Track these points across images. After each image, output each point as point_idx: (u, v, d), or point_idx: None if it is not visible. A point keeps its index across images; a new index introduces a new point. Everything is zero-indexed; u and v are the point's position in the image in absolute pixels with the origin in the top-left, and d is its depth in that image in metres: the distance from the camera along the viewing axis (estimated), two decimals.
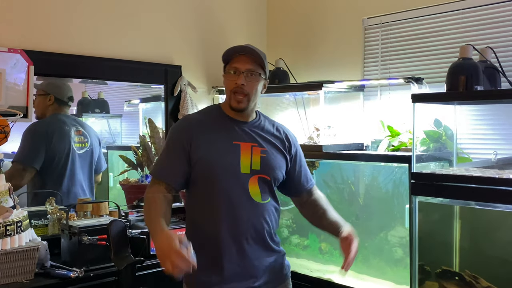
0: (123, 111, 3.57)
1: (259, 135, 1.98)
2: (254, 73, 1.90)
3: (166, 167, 1.93)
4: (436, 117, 2.62)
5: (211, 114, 2.01)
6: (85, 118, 3.40)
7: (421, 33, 2.84)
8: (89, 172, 3.06)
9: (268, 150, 1.96)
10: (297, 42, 3.46)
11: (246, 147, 1.92)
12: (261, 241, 1.93)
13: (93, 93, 3.39)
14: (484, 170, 2.17)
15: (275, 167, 1.97)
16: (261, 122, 2.03)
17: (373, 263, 2.79)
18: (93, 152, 3.07)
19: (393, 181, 2.73)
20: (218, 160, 1.89)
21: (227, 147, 1.91)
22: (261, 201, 1.92)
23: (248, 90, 1.90)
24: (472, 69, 2.11)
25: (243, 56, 1.90)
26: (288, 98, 3.41)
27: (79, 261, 2.34)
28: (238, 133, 1.95)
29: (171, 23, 3.24)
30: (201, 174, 1.90)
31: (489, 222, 2.29)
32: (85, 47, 2.87)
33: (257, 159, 1.92)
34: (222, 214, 1.88)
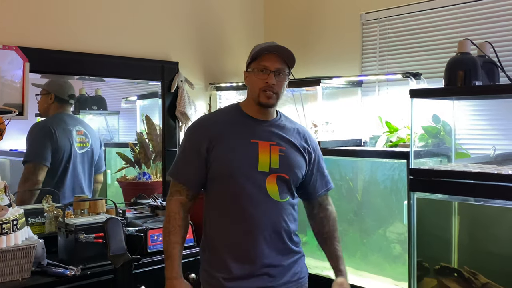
0: (120, 108, 3.55)
1: (279, 134, 1.96)
2: (282, 73, 1.91)
3: (186, 169, 1.94)
4: (435, 112, 2.61)
5: (230, 114, 2.00)
6: (82, 115, 3.39)
7: (420, 28, 2.82)
8: (89, 171, 3.06)
9: (287, 150, 1.95)
10: (295, 37, 3.44)
11: (264, 145, 1.91)
12: (279, 240, 1.92)
13: (91, 90, 3.38)
14: (482, 166, 2.16)
15: (295, 167, 1.95)
16: (282, 121, 2.02)
17: (371, 259, 2.78)
18: (93, 152, 3.06)
19: (392, 177, 2.72)
20: (234, 158, 1.88)
21: (244, 146, 1.90)
22: (279, 199, 1.91)
23: (278, 89, 1.90)
24: (470, 64, 2.10)
25: (273, 55, 1.89)
26: (286, 94, 3.39)
27: (76, 259, 2.34)
28: (256, 132, 1.94)
29: (168, 19, 3.22)
30: (218, 173, 1.90)
31: (488, 218, 2.27)
32: (82, 43, 2.85)
33: (276, 158, 1.91)
34: (239, 212, 1.87)
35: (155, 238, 2.61)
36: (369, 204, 2.84)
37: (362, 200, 2.87)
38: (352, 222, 2.87)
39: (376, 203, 2.80)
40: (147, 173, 3.29)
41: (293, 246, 1.97)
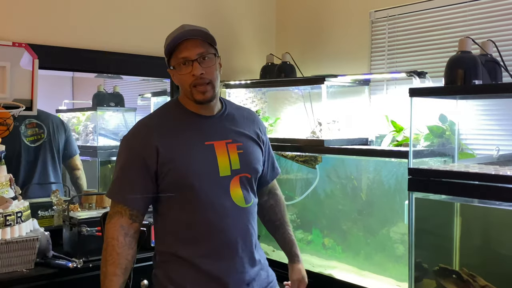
0: (137, 105, 3.62)
1: (231, 128, 1.77)
2: (207, 56, 1.67)
3: (128, 186, 1.68)
4: (440, 112, 2.57)
5: (172, 114, 1.75)
6: (101, 112, 3.47)
7: (429, 26, 2.78)
8: (51, 162, 2.98)
9: (244, 145, 1.76)
10: (305, 36, 3.43)
11: (221, 146, 1.71)
12: (250, 250, 1.75)
13: (109, 88, 3.45)
14: (482, 166, 2.12)
15: (255, 162, 1.79)
16: (229, 111, 1.81)
17: (375, 259, 2.76)
18: (52, 141, 2.97)
19: (396, 177, 2.69)
20: (192, 167, 1.66)
21: (199, 150, 1.68)
22: (245, 205, 1.73)
23: (209, 76, 1.66)
24: (470, 63, 2.06)
25: (188, 41, 1.65)
26: (297, 92, 3.40)
27: (80, 252, 2.38)
28: (208, 131, 1.72)
29: (178, 16, 3.25)
30: (173, 185, 1.67)
31: (490, 220, 2.24)
32: (93, 41, 2.91)
33: (236, 157, 1.72)
34: (205, 228, 1.67)
35: None
36: (373, 204, 2.82)
37: (366, 199, 2.85)
38: (356, 221, 2.85)
39: (380, 203, 2.78)
40: None
41: (257, 253, 1.79)
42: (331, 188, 2.99)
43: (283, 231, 1.98)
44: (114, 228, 1.68)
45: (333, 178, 2.98)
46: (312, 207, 3.08)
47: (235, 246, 1.71)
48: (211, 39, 1.71)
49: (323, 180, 2.98)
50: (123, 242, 1.67)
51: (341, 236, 2.91)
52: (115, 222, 1.69)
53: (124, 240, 1.68)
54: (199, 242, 1.69)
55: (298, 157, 2.92)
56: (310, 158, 2.88)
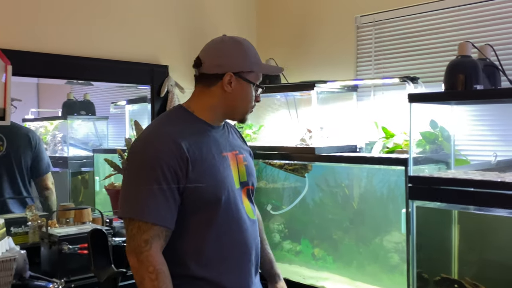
0: (109, 113, 3.47)
1: (234, 140, 1.77)
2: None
3: (164, 205, 1.50)
4: (432, 117, 2.53)
5: (187, 122, 1.63)
6: (70, 120, 3.31)
7: (416, 31, 2.75)
8: (10, 178, 2.78)
9: (246, 156, 1.75)
10: (288, 41, 3.36)
11: (232, 157, 1.67)
12: (257, 264, 1.74)
13: (79, 95, 3.29)
14: (484, 173, 2.08)
15: (254, 173, 1.79)
16: (227, 125, 1.79)
17: (368, 269, 2.69)
18: (11, 155, 2.76)
19: (388, 185, 2.64)
20: (219, 179, 1.58)
21: (220, 162, 1.62)
22: (254, 217, 1.71)
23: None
24: (471, 68, 2.02)
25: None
26: (279, 99, 3.31)
27: (60, 271, 2.24)
28: (220, 142, 1.67)
29: (158, 21, 3.13)
30: (201, 200, 1.56)
31: (489, 228, 2.20)
32: (68, 46, 2.75)
33: (243, 169, 1.70)
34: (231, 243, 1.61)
35: None
36: (365, 212, 2.76)
37: (358, 208, 2.78)
38: (348, 230, 2.78)
39: (372, 211, 2.72)
40: None
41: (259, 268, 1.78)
42: (321, 197, 2.92)
43: (261, 249, 1.85)
44: (157, 255, 1.49)
45: (322, 186, 2.90)
46: (301, 217, 3.00)
47: (251, 259, 1.68)
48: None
49: (312, 188, 2.90)
50: (167, 269, 1.52)
51: (332, 246, 2.84)
52: (156, 247, 1.49)
53: (167, 267, 1.52)
54: (225, 258, 1.61)
55: (287, 166, 2.83)
56: (300, 167, 2.80)
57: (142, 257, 1.48)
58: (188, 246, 1.59)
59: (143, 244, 1.48)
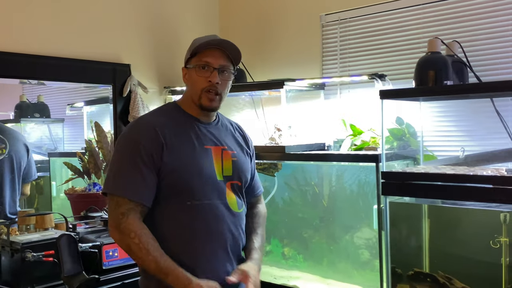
0: (65, 115, 3.33)
1: (226, 136, 1.81)
2: (227, 70, 1.72)
3: (138, 181, 1.62)
4: (399, 114, 2.56)
5: (172, 115, 1.76)
6: (23, 124, 3.16)
7: (381, 30, 2.78)
8: (10, 182, 2.74)
9: (237, 153, 1.79)
10: (253, 39, 3.33)
11: (217, 151, 1.73)
12: (238, 255, 1.75)
13: (32, 96, 3.14)
14: (454, 167, 2.12)
15: (245, 170, 1.81)
16: (223, 122, 1.86)
17: (339, 266, 2.70)
18: (13, 159, 2.75)
19: (358, 181, 2.65)
20: (194, 168, 1.66)
21: (200, 152, 1.69)
22: (238, 210, 1.74)
23: (222, 89, 1.71)
24: (441, 64, 2.05)
25: (216, 50, 1.70)
26: (244, 98, 3.28)
27: (24, 281, 2.12)
28: (206, 136, 1.74)
29: (119, 18, 3.03)
30: (175, 185, 1.65)
31: (459, 221, 2.24)
32: (21, 44, 2.61)
33: (229, 164, 1.74)
34: (203, 230, 1.66)
35: (110, 254, 2.41)
36: (335, 210, 2.76)
37: (328, 205, 2.79)
38: (318, 228, 2.78)
39: (342, 208, 2.73)
40: (97, 184, 3.07)
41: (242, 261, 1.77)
42: (290, 196, 2.90)
43: (249, 239, 1.83)
44: (136, 222, 1.59)
45: (292, 185, 2.89)
46: (271, 216, 2.93)
47: (228, 250, 1.70)
48: (237, 59, 1.75)
49: (282, 187, 2.88)
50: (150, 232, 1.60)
51: (302, 245, 2.83)
52: (133, 217, 1.60)
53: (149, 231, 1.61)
54: (198, 245, 1.66)
55: (256, 165, 2.79)
56: (269, 166, 2.77)
57: (122, 228, 1.58)
58: (163, 230, 1.65)
59: (120, 216, 1.59)
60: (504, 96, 2.17)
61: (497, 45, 2.35)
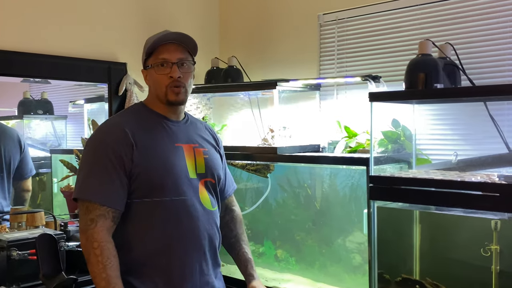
0: (68, 112, 3.35)
1: (197, 134, 1.81)
2: (186, 62, 1.71)
3: (108, 185, 1.59)
4: (394, 117, 2.51)
5: (141, 114, 1.75)
6: (27, 120, 3.18)
7: (379, 30, 2.73)
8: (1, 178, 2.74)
9: (208, 151, 1.80)
10: (251, 39, 3.30)
11: (189, 149, 1.73)
12: (214, 254, 1.76)
13: (37, 94, 3.16)
14: (444, 173, 2.07)
15: (218, 168, 1.81)
16: (192, 120, 1.86)
17: (330, 270, 2.66)
18: (2, 157, 2.75)
19: (351, 184, 2.61)
20: (166, 166, 1.65)
21: (171, 151, 1.69)
22: (212, 208, 1.74)
23: (185, 81, 1.70)
24: (431, 66, 2.00)
25: (171, 45, 1.69)
26: (243, 98, 3.25)
27: (9, 279, 2.12)
28: (176, 134, 1.74)
29: (115, 17, 3.03)
30: (147, 185, 1.63)
31: (449, 227, 2.19)
32: (19, 42, 2.62)
33: (201, 161, 1.74)
34: (177, 229, 1.65)
35: None
36: (328, 213, 2.72)
37: (321, 208, 2.75)
38: (310, 231, 2.75)
39: (335, 212, 2.69)
40: None
41: (218, 260, 1.80)
42: (283, 198, 2.87)
43: (238, 249, 1.90)
44: (103, 232, 1.57)
45: (285, 186, 2.86)
46: (264, 218, 2.95)
47: (203, 248, 1.70)
48: (193, 48, 1.74)
49: (275, 189, 2.86)
50: (114, 245, 1.59)
51: (295, 247, 2.80)
52: (101, 226, 1.58)
53: (113, 243, 1.59)
54: (171, 245, 1.64)
55: (249, 166, 2.77)
56: (262, 167, 2.74)
57: (88, 234, 1.57)
58: (135, 231, 1.65)
59: (89, 222, 1.58)
60: (498, 100, 2.11)
61: (492, 48, 2.28)
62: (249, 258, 1.88)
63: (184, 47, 1.72)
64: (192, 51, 1.74)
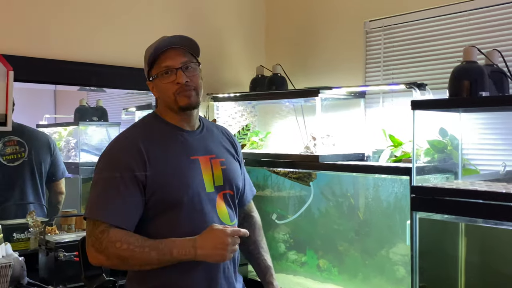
0: (121, 119, 3.46)
1: (213, 143, 1.71)
2: (190, 65, 1.63)
3: (121, 206, 1.51)
4: (441, 125, 2.44)
5: (153, 127, 1.66)
6: (83, 127, 3.31)
7: (426, 36, 2.66)
8: (31, 183, 2.79)
9: (226, 161, 1.70)
10: (296, 47, 3.30)
11: (205, 161, 1.64)
12: (233, 270, 1.68)
13: (92, 101, 3.30)
14: (490, 184, 1.99)
15: (237, 178, 1.73)
16: (208, 127, 1.75)
17: (373, 282, 2.61)
18: (33, 161, 2.78)
19: (395, 194, 2.55)
20: (181, 181, 1.57)
21: (186, 165, 1.60)
22: (230, 223, 1.65)
23: (194, 84, 1.62)
24: (476, 73, 1.93)
25: (171, 51, 1.61)
26: (287, 106, 3.26)
27: (56, 279, 2.22)
28: (192, 146, 1.64)
29: (163, 27, 3.10)
30: (162, 203, 1.55)
31: (498, 241, 2.09)
32: (75, 52, 2.75)
33: (219, 173, 1.66)
34: None
35: None
36: (371, 223, 2.67)
37: (364, 218, 2.70)
38: (353, 241, 2.70)
39: (378, 222, 2.64)
40: None
41: (238, 275, 1.73)
42: (326, 207, 2.84)
43: (257, 257, 1.82)
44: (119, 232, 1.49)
45: (328, 195, 2.83)
46: (306, 227, 2.92)
47: (224, 265, 1.63)
48: (194, 49, 1.66)
49: (318, 197, 2.83)
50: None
51: (337, 258, 2.76)
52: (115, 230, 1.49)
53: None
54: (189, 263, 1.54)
55: (291, 174, 2.77)
56: (304, 175, 2.73)
57: (103, 246, 1.47)
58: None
59: (99, 234, 1.48)
60: None
61: None
62: (268, 265, 1.82)
63: (185, 50, 1.63)
64: (194, 52, 1.66)
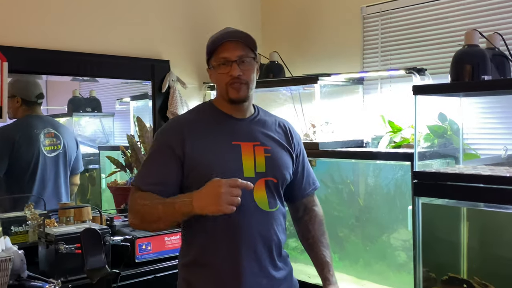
0: (115, 109, 3.43)
1: (261, 132, 1.76)
2: (246, 59, 1.69)
3: (155, 176, 1.67)
4: (441, 110, 2.43)
5: (204, 112, 1.78)
6: (77, 118, 3.28)
7: (424, 21, 2.65)
8: (64, 175, 2.89)
9: (272, 149, 1.74)
10: (293, 33, 3.27)
11: (247, 147, 1.70)
12: (269, 255, 1.70)
13: (85, 92, 3.25)
14: (493, 168, 1.99)
15: (282, 167, 1.74)
16: (261, 117, 1.81)
17: (375, 267, 2.61)
18: (66, 154, 2.90)
19: (395, 180, 2.55)
20: (216, 163, 1.65)
21: (225, 149, 1.68)
22: (269, 209, 1.69)
23: (246, 78, 1.68)
24: (478, 57, 1.92)
25: (230, 43, 1.68)
26: (285, 93, 3.23)
27: (57, 271, 2.19)
28: (237, 132, 1.72)
29: (159, 15, 3.07)
30: (197, 180, 1.61)
31: (500, 225, 2.10)
32: (66, 42, 2.70)
33: (262, 160, 1.70)
34: (225, 228, 1.65)
35: (143, 248, 2.46)
36: (371, 209, 2.67)
37: (365, 204, 2.70)
38: (354, 228, 2.70)
39: (379, 208, 2.63)
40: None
41: (281, 262, 1.75)
42: (326, 194, 2.83)
43: (316, 251, 1.85)
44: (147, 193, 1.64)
45: (327, 182, 2.82)
46: None
47: (253, 248, 1.67)
48: (253, 44, 1.72)
49: None
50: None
51: (338, 244, 2.75)
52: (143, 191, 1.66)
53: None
54: (217, 243, 1.66)
55: None
56: None
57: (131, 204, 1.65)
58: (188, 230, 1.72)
59: (131, 196, 1.66)
60: None
61: None
62: (326, 261, 1.82)
63: (243, 44, 1.69)
64: (252, 47, 1.72)
